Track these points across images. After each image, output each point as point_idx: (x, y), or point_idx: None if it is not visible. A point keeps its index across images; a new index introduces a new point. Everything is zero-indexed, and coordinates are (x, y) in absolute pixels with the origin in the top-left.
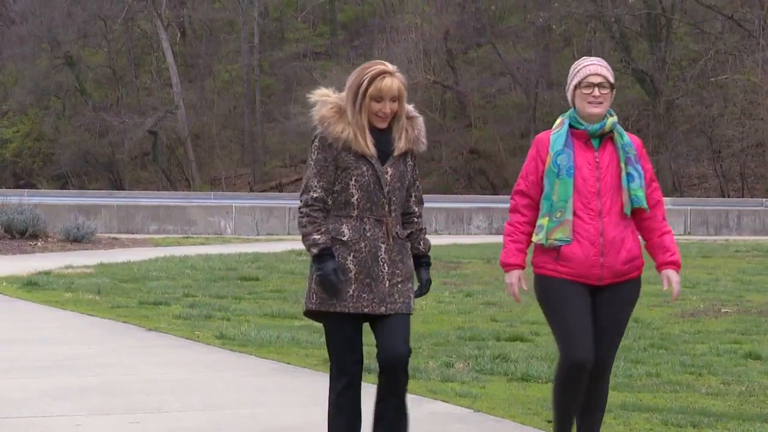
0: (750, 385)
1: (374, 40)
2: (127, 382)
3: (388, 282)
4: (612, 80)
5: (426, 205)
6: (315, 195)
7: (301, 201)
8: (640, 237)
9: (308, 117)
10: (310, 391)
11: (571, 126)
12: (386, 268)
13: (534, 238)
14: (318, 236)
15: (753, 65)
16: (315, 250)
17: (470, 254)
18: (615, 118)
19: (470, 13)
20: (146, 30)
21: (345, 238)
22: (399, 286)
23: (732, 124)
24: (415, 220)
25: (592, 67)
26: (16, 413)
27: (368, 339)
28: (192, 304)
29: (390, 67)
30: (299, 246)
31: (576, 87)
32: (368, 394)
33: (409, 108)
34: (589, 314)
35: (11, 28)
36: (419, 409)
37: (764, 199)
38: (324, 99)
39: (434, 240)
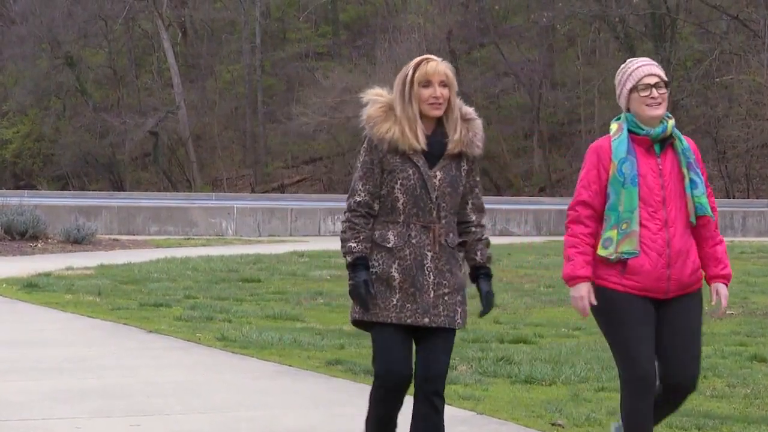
0: (755, 387)
1: (377, 40)
2: (127, 384)
3: (433, 292)
4: (666, 78)
5: None
6: (359, 199)
7: (346, 205)
8: None
9: (359, 119)
10: (312, 393)
11: (630, 131)
12: (432, 277)
13: (602, 252)
14: (354, 244)
15: (758, 66)
16: (349, 259)
17: None
18: (673, 121)
19: (473, 12)
20: (147, 30)
21: (390, 245)
22: (445, 297)
23: (737, 125)
24: (472, 229)
25: (646, 68)
26: (16, 416)
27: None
28: (193, 306)
29: (434, 56)
30: (301, 247)
31: (631, 90)
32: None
33: (468, 110)
34: (653, 330)
35: (11, 28)
36: None
37: None
38: (375, 98)
39: None
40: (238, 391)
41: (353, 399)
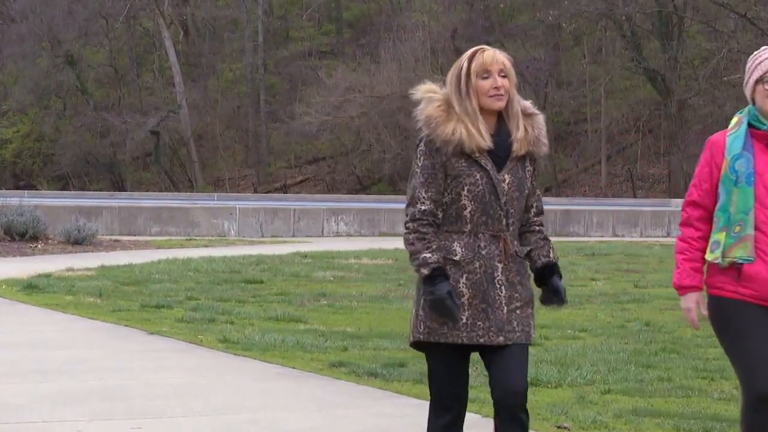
0: None
1: (381, 38)
2: (128, 386)
3: (506, 307)
4: None
5: None
6: (423, 207)
7: (407, 215)
8: None
9: (414, 118)
10: (315, 395)
11: (750, 125)
12: (503, 291)
13: (708, 257)
14: (429, 254)
15: None
16: (426, 271)
17: None
18: None
19: (478, 11)
20: (148, 28)
21: (457, 258)
22: (518, 311)
23: None
24: (536, 228)
25: None
26: (16, 418)
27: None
28: (195, 308)
29: (488, 47)
30: (304, 248)
31: (757, 82)
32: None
33: (527, 104)
34: None
35: (11, 26)
36: (425, 415)
37: None
38: (430, 96)
39: None
40: (240, 393)
41: (356, 401)
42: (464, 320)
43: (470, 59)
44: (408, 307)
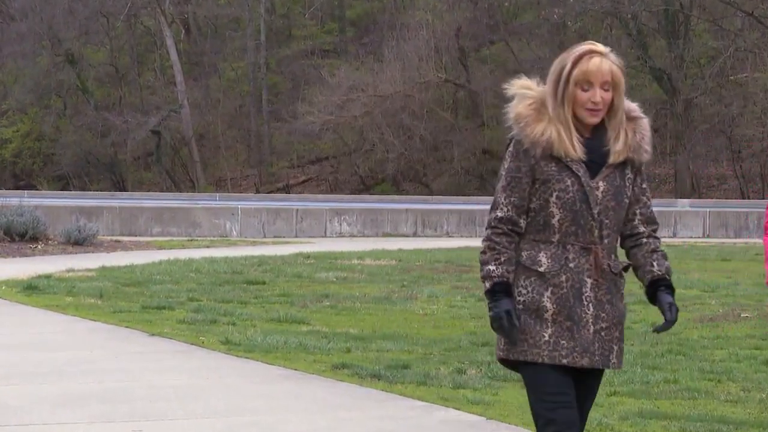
0: None
1: (384, 37)
2: (129, 388)
3: (592, 327)
4: None
5: (437, 206)
6: (500, 215)
7: (487, 221)
8: None
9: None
10: (318, 397)
11: None
12: (591, 309)
13: None
14: (494, 267)
15: None
16: (487, 285)
17: None
18: None
19: (483, 9)
20: (149, 27)
21: (542, 269)
22: (602, 333)
23: (752, 124)
24: (644, 240)
25: None
26: (16, 420)
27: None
28: (196, 309)
29: (600, 47)
30: (306, 249)
31: None
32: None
33: (632, 106)
34: None
35: (11, 25)
36: (430, 416)
37: None
38: (523, 92)
39: (446, 242)
40: (242, 395)
41: (359, 403)
42: (546, 338)
43: (575, 63)
44: (411, 308)
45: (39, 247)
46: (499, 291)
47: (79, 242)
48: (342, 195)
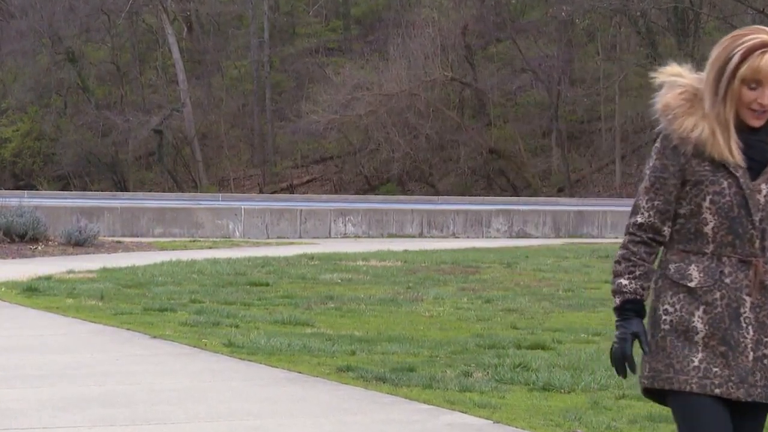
0: None
1: (389, 35)
2: (131, 391)
3: (752, 353)
4: None
5: (443, 206)
6: (640, 220)
7: (625, 226)
8: None
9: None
10: (322, 400)
11: None
12: (750, 332)
13: None
14: (627, 281)
15: None
16: (617, 300)
17: (489, 258)
18: None
19: (489, 6)
20: (151, 25)
21: (692, 284)
22: (765, 361)
23: None
24: None
25: None
26: (16, 424)
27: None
28: (199, 311)
29: None
30: (310, 250)
31: None
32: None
33: None
34: None
35: (11, 22)
36: (435, 420)
37: None
38: (674, 80)
39: (452, 243)
40: (245, 398)
41: (364, 407)
42: (696, 363)
43: (744, 57)
44: (417, 310)
45: (39, 248)
46: (629, 309)
47: (79, 243)
48: (347, 195)
